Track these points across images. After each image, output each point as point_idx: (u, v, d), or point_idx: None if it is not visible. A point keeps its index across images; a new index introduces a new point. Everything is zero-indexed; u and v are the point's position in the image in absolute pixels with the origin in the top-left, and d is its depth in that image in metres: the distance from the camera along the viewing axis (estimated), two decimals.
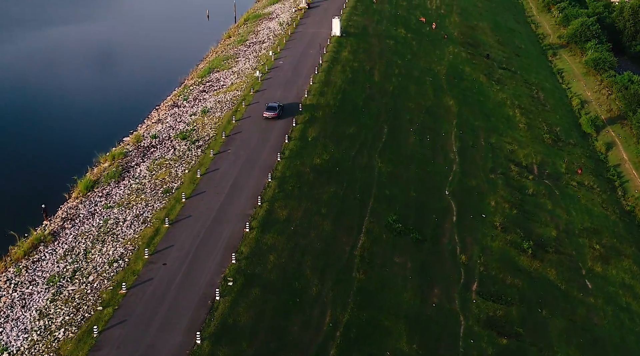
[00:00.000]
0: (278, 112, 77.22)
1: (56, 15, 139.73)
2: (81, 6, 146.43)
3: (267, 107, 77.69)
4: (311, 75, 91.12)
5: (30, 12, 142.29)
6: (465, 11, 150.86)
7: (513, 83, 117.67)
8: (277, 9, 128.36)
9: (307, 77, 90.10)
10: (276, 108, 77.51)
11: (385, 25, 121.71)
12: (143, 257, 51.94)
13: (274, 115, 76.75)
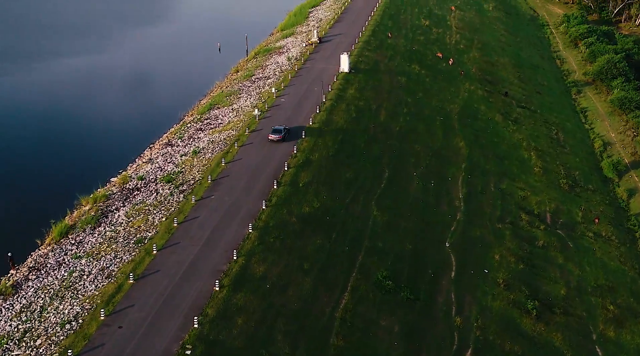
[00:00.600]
0: (283, 135, 78.59)
1: (65, 47, 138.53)
2: (92, 38, 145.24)
3: (273, 130, 79.34)
4: (312, 114, 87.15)
5: (37, 43, 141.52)
6: (487, 46, 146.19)
7: (531, 123, 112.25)
8: (289, 43, 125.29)
9: (308, 117, 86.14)
10: (281, 131, 78.94)
11: (398, 61, 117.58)
12: (99, 318, 47.86)
13: (279, 138, 78.03)
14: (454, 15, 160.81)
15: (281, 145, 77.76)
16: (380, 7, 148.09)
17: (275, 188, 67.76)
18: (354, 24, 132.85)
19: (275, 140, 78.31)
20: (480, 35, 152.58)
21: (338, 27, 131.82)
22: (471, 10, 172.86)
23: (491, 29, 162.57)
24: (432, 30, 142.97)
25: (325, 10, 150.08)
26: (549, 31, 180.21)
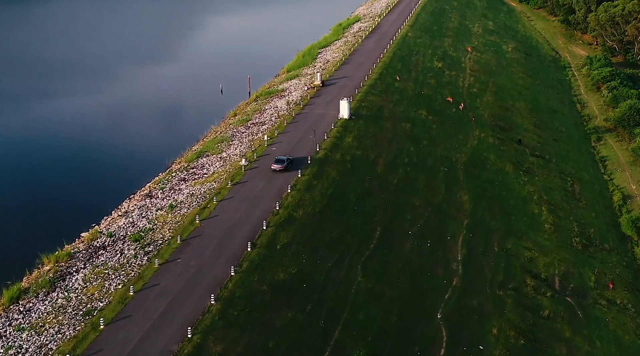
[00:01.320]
0: (286, 165, 79.71)
1: (56, 87, 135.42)
2: (88, 77, 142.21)
3: (276, 160, 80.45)
4: (303, 165, 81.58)
5: (28, 84, 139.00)
6: (502, 89, 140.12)
7: (545, 173, 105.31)
8: (292, 85, 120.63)
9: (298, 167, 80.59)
10: (284, 161, 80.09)
11: (404, 105, 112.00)
12: None
13: (281, 168, 79.08)
14: (469, 57, 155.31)
15: (263, 201, 72.11)
16: (391, 48, 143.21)
17: (249, 250, 61.98)
18: (361, 67, 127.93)
19: (278, 169, 79.07)
20: (496, 77, 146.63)
21: (344, 69, 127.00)
22: (488, 52, 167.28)
23: (508, 71, 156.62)
24: (444, 72, 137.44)
25: (334, 51, 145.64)
26: (570, 73, 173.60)
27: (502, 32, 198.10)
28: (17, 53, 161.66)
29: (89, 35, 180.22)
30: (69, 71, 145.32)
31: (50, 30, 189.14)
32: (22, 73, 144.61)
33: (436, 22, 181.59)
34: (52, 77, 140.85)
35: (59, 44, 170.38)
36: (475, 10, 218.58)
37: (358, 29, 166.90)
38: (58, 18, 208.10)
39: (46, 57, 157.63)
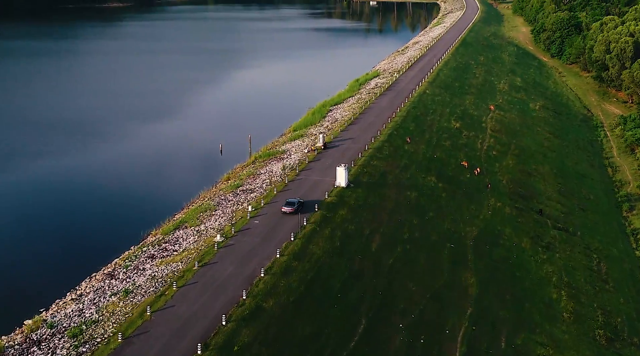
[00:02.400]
0: (297, 207, 79.75)
1: (51, 147, 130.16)
2: (84, 135, 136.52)
3: (286, 202, 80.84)
4: (285, 242, 72.58)
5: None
6: (525, 152, 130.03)
7: (567, 249, 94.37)
8: (294, 147, 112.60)
9: (278, 246, 71.54)
10: (294, 203, 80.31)
11: (412, 171, 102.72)
12: None
13: (291, 211, 79.19)
14: (491, 116, 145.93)
15: (229, 288, 62.95)
16: (406, 107, 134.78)
17: (199, 354, 52.66)
18: (370, 127, 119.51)
19: (288, 212, 79.24)
20: (519, 138, 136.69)
21: (351, 129, 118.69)
22: (513, 110, 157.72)
23: (533, 132, 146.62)
24: (461, 133, 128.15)
25: (345, 109, 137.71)
26: (602, 134, 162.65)
27: (531, 89, 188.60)
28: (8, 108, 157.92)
29: (91, 90, 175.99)
30: (65, 129, 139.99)
31: (60, 85, 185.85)
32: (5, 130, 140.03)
33: (459, 78, 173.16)
34: (47, 135, 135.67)
35: (67, 100, 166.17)
36: (503, 66, 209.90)
37: (374, 85, 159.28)
38: (75, 72, 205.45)
39: (49, 113, 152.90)
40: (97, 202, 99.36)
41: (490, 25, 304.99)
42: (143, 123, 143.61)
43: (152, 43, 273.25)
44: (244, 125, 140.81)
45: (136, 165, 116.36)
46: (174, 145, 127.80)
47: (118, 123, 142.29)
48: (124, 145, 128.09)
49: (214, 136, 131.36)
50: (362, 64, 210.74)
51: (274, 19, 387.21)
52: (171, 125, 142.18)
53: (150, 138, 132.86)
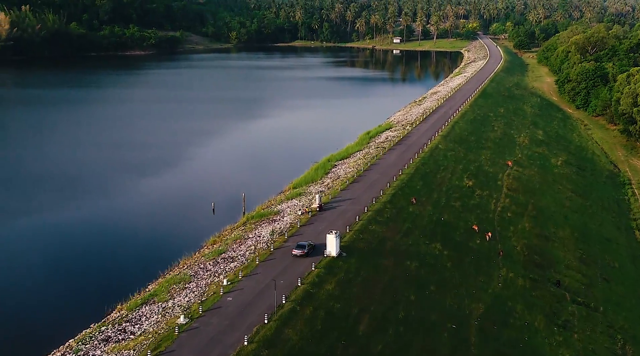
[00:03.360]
0: (307, 250, 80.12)
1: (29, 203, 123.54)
2: (61, 193, 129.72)
3: (297, 245, 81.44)
4: (257, 326, 63.58)
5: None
6: (543, 213, 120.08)
7: (588, 328, 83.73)
8: (289, 207, 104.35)
9: (248, 331, 62.53)
10: (305, 246, 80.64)
11: (415, 237, 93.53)
12: None
13: (302, 253, 79.44)
14: (508, 173, 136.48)
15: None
16: (415, 163, 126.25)
17: None
18: (373, 186, 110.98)
19: (299, 255, 79.44)
20: (537, 198, 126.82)
21: (353, 188, 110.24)
22: (533, 166, 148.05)
23: (554, 190, 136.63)
24: (474, 193, 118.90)
25: (349, 165, 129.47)
26: (630, 192, 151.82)
27: (553, 143, 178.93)
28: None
29: (93, 141, 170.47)
30: (50, 183, 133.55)
31: (61, 135, 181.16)
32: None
33: (475, 131, 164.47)
34: (30, 189, 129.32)
35: (65, 150, 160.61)
36: (524, 118, 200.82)
37: (385, 139, 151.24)
38: (84, 122, 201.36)
39: (42, 166, 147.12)
40: (65, 268, 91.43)
41: (514, 75, 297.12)
42: (137, 177, 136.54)
43: (168, 91, 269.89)
44: (244, 180, 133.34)
45: (118, 225, 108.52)
46: (164, 202, 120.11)
47: (109, 177, 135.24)
48: (109, 201, 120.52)
49: (210, 192, 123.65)
50: (378, 114, 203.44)
51: (296, 67, 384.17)
52: (167, 179, 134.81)
53: (140, 195, 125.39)
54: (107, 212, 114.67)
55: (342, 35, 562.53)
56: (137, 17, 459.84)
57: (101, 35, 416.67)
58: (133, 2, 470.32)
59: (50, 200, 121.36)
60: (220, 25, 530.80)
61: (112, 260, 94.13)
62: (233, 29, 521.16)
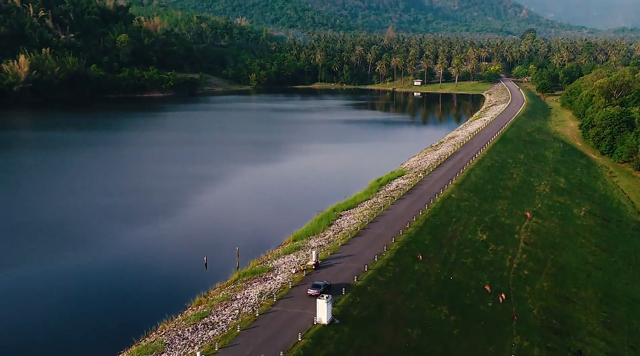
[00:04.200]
0: (323, 290, 79.12)
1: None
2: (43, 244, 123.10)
3: (313, 285, 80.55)
4: None
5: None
6: (564, 270, 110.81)
7: None
8: (285, 263, 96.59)
9: None
10: (321, 286, 79.82)
11: (419, 299, 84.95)
12: None
13: (317, 293, 77.81)
14: (527, 225, 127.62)
15: None
16: (424, 214, 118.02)
17: None
18: (377, 240, 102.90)
19: (314, 295, 77.98)
20: (557, 253, 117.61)
21: (355, 243, 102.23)
22: (553, 217, 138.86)
23: (576, 244, 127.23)
24: (488, 248, 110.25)
25: (355, 216, 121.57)
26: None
27: (576, 191, 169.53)
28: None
29: (92, 186, 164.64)
30: (37, 232, 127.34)
31: (59, 180, 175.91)
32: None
33: (492, 179, 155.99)
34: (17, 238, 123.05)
35: (59, 197, 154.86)
36: (545, 164, 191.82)
37: (395, 187, 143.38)
38: (87, 166, 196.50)
39: (29, 215, 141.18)
40: (34, 330, 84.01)
41: (535, 119, 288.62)
42: (130, 225, 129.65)
43: (182, 134, 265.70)
44: (243, 230, 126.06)
45: (101, 282, 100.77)
46: (155, 255, 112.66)
47: (100, 226, 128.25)
48: (95, 253, 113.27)
49: (205, 243, 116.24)
50: (392, 159, 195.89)
51: (315, 110, 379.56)
52: (162, 228, 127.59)
53: (130, 245, 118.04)
54: (91, 265, 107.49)
55: (363, 78, 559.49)
56: (157, 59, 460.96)
57: (120, 77, 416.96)
58: (153, 45, 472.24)
59: (29, 250, 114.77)
60: (240, 67, 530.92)
61: (86, 322, 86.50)
62: (253, 70, 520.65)
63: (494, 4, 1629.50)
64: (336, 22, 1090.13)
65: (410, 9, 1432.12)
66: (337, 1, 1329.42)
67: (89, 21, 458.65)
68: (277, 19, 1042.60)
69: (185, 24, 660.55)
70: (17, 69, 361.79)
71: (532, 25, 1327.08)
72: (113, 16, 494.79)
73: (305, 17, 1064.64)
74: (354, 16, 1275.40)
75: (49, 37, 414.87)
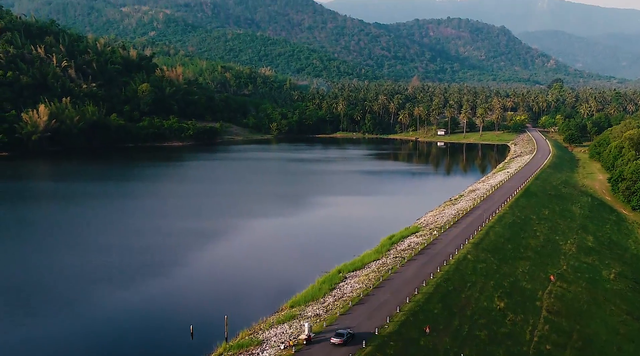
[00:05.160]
0: (346, 339, 78.19)
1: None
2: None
3: (336, 333, 79.75)
4: None
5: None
6: (591, 344, 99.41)
7: None
8: (276, 334, 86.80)
9: None
10: (344, 335, 79.00)
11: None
12: None
13: (340, 342, 77.62)
14: (550, 290, 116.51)
15: None
16: (436, 279, 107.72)
17: None
18: (381, 308, 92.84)
19: (337, 343, 77.82)
20: (585, 323, 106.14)
21: (356, 311, 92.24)
22: (580, 281, 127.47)
23: (605, 312, 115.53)
24: (506, 318, 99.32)
25: (360, 279, 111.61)
26: None
27: (605, 251, 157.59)
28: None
29: (90, 242, 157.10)
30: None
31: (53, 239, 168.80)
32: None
33: (513, 238, 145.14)
34: None
35: (47, 255, 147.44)
36: (572, 221, 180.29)
37: (407, 246, 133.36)
38: (89, 220, 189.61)
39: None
40: None
41: (562, 171, 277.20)
42: (117, 287, 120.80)
43: (196, 185, 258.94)
44: (239, 293, 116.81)
45: (76, 349, 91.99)
46: (139, 322, 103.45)
47: (84, 288, 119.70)
48: (72, 319, 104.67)
49: (195, 309, 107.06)
50: (409, 213, 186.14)
51: (337, 160, 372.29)
52: (150, 291, 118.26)
53: (112, 310, 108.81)
54: (68, 331, 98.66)
55: (385, 127, 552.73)
56: (178, 108, 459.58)
57: (140, 126, 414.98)
58: (175, 94, 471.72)
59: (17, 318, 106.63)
60: (261, 116, 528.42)
61: None
62: (274, 119, 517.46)
63: (521, 54, 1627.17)
64: (362, 71, 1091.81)
65: (436, 58, 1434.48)
66: (363, 51, 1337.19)
67: (111, 71, 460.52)
68: (302, 68, 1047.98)
69: (209, 73, 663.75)
70: (36, 118, 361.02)
71: (560, 74, 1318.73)
72: (136, 66, 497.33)
73: (331, 66, 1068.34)
74: (380, 66, 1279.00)
75: (70, 87, 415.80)
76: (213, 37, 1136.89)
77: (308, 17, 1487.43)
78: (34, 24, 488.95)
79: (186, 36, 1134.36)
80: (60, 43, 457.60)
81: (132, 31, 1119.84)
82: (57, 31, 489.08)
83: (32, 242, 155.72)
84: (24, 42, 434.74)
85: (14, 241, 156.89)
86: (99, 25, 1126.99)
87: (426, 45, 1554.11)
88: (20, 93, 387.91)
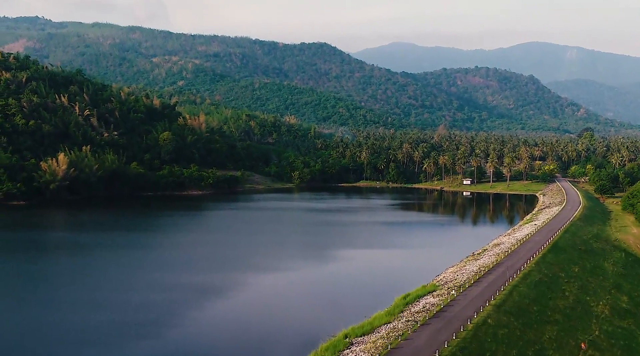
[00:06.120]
0: None
1: None
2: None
3: None
4: None
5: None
6: None
7: None
8: None
9: None
10: None
11: None
12: None
13: None
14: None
15: None
16: (451, 347, 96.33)
17: None
18: None
19: None
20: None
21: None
22: (615, 349, 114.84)
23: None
24: None
25: (367, 346, 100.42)
26: None
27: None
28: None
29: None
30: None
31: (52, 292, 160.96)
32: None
33: (540, 298, 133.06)
34: None
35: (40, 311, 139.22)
36: (604, 279, 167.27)
37: (422, 307, 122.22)
38: (95, 273, 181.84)
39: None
40: None
41: (593, 224, 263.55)
42: (104, 350, 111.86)
43: (209, 235, 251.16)
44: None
45: None
46: None
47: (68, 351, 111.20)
48: None
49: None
50: (429, 268, 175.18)
51: (360, 210, 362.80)
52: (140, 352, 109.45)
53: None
54: None
55: (409, 176, 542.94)
56: (199, 156, 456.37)
57: (159, 174, 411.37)
58: (196, 142, 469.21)
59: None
60: (283, 165, 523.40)
61: None
62: (296, 168, 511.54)
63: (551, 103, 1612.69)
64: (388, 120, 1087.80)
65: (464, 107, 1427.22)
66: (390, 99, 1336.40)
67: (134, 119, 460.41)
68: (328, 116, 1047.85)
69: (234, 121, 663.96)
70: (55, 167, 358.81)
71: (591, 123, 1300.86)
72: (159, 114, 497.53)
73: (357, 115, 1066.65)
74: (407, 114, 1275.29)
75: (92, 135, 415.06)
76: (240, 86, 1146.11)
77: (335, 67, 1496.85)
78: (59, 74, 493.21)
79: (214, 85, 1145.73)
80: (85, 92, 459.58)
81: (162, 81, 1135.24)
82: (82, 80, 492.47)
83: (32, 298, 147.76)
84: (48, 92, 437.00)
85: (16, 295, 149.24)
86: (130, 75, 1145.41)
87: (454, 94, 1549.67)
88: (42, 142, 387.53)
